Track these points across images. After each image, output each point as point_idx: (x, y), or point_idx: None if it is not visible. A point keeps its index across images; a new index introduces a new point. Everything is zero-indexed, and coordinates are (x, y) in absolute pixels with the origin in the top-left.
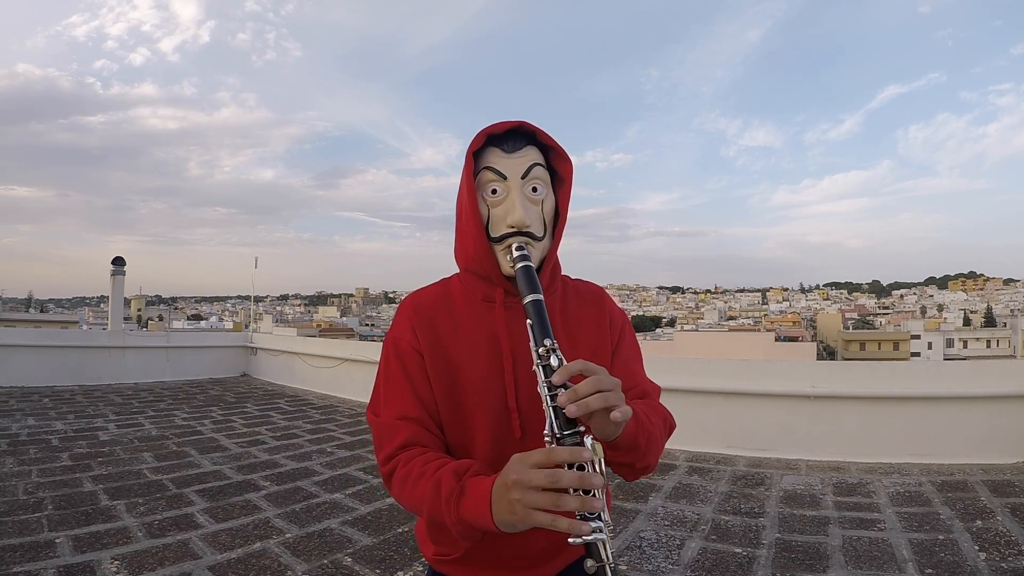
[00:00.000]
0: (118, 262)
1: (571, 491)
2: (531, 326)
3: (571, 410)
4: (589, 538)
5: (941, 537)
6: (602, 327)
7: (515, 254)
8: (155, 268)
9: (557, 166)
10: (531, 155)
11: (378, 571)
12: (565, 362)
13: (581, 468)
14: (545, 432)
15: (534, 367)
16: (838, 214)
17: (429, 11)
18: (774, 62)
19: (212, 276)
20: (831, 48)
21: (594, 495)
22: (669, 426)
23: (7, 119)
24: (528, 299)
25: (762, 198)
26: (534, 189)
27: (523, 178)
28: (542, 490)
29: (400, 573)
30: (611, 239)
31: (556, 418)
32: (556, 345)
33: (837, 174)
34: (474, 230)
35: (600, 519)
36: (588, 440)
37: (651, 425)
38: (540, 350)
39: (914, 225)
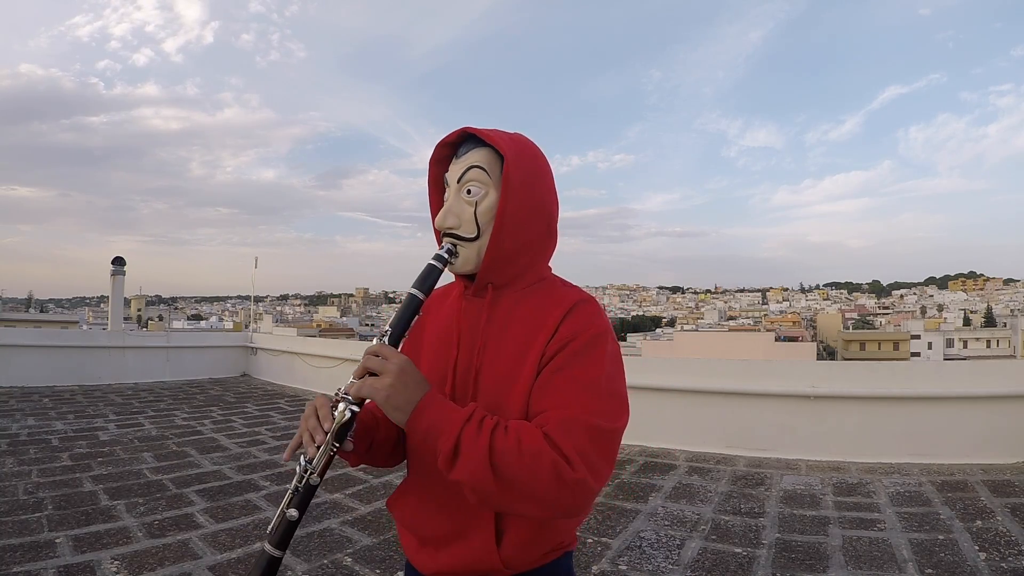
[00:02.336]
0: (118, 262)
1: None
2: (394, 314)
3: (345, 386)
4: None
5: (941, 537)
6: (538, 335)
7: (436, 252)
8: (155, 268)
9: (504, 168)
10: (472, 158)
11: (378, 571)
12: (385, 344)
13: (343, 431)
14: (337, 388)
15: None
16: (838, 214)
17: (433, 13)
18: (775, 63)
19: (212, 276)
20: (832, 49)
21: (318, 446)
22: (551, 472)
23: (10, 119)
24: (409, 291)
25: (763, 198)
26: (468, 191)
27: (459, 182)
28: (304, 419)
29: (400, 573)
30: (612, 239)
31: (346, 383)
32: (388, 332)
33: (838, 174)
34: (436, 236)
35: (309, 462)
36: (341, 406)
37: (475, 442)
38: (379, 332)
39: (914, 225)
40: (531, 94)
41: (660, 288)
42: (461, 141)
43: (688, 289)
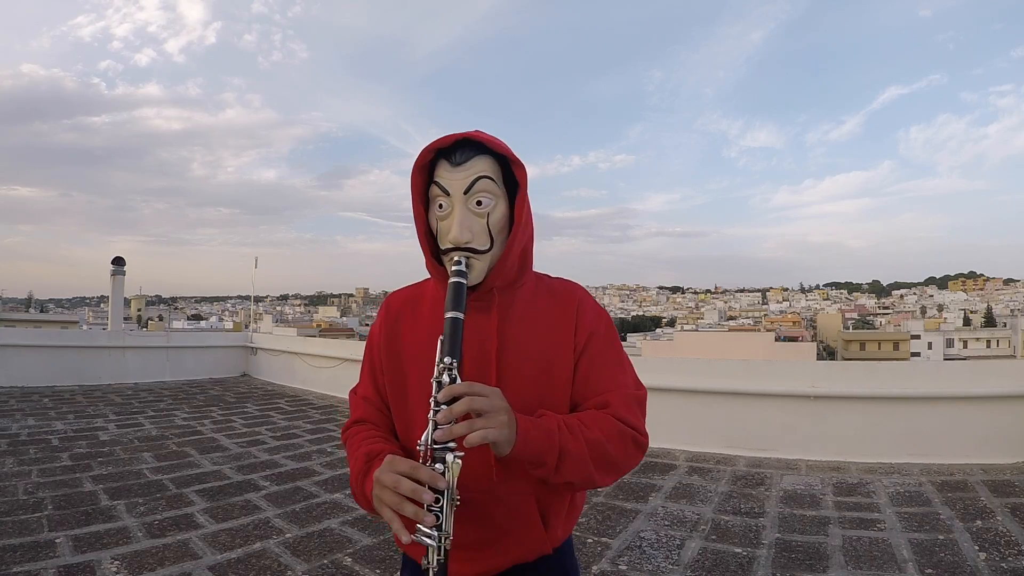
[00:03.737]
0: (118, 262)
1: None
2: (441, 341)
3: (437, 435)
4: (411, 538)
5: (941, 537)
6: (563, 330)
7: (452, 268)
8: (155, 268)
9: (515, 172)
10: (477, 167)
11: (378, 571)
12: (459, 381)
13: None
14: (419, 442)
15: (432, 380)
16: (839, 214)
17: (435, 14)
18: (776, 64)
19: (212, 276)
20: (833, 50)
21: (433, 510)
22: (626, 438)
23: (11, 119)
24: (448, 315)
25: (763, 198)
26: (478, 203)
27: (466, 193)
28: (393, 492)
29: (400, 573)
30: (612, 239)
31: (432, 431)
32: (454, 364)
33: (838, 174)
34: (422, 244)
35: (439, 529)
36: (451, 457)
37: (573, 441)
38: (439, 366)
39: (914, 225)
40: (532, 94)
41: (660, 288)
42: (454, 147)
43: (688, 289)
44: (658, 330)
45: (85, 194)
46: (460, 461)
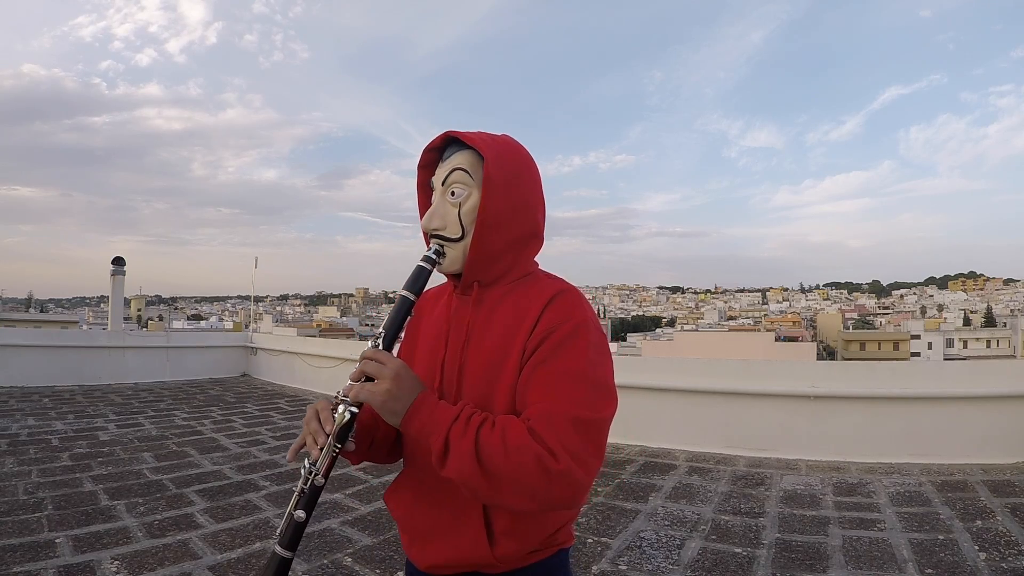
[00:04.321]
0: (118, 262)
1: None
2: (387, 316)
3: (343, 388)
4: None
5: (941, 537)
6: (519, 330)
7: (424, 254)
8: (156, 268)
9: (484, 168)
10: (455, 161)
11: (378, 571)
12: (380, 348)
13: (344, 432)
14: (337, 391)
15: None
16: (839, 214)
17: (436, 15)
18: (777, 64)
19: (212, 276)
20: (833, 50)
21: (321, 447)
22: (536, 467)
23: (11, 119)
24: (400, 292)
25: (763, 198)
26: (452, 193)
27: (443, 184)
28: (305, 424)
29: (400, 573)
30: (613, 239)
31: (344, 386)
32: (383, 334)
33: (838, 175)
34: (424, 238)
35: (313, 464)
36: (341, 408)
37: (463, 440)
38: (373, 335)
39: (914, 225)
40: (533, 95)
41: (660, 288)
42: (446, 145)
43: (688, 289)
44: (658, 330)
45: (85, 194)
46: (348, 414)
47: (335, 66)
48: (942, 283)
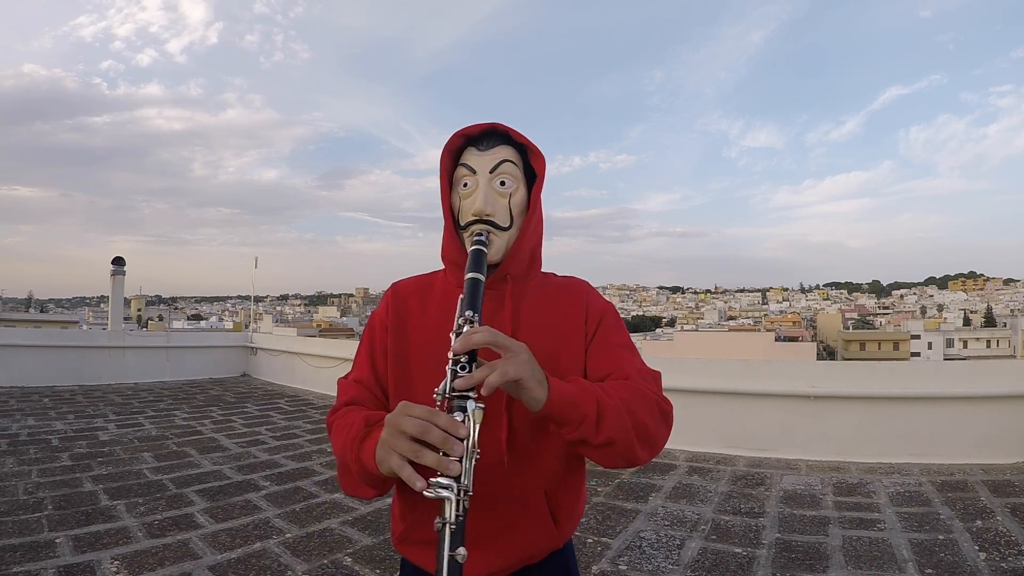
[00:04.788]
0: (118, 262)
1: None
2: (461, 299)
3: (457, 383)
4: (430, 493)
5: (941, 537)
6: (574, 317)
7: (473, 238)
8: (156, 268)
9: (533, 163)
10: (502, 152)
11: (378, 571)
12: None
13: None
14: (436, 390)
15: (451, 333)
16: (839, 214)
17: (436, 15)
18: (777, 64)
19: (213, 276)
20: (833, 50)
21: (457, 460)
22: (658, 408)
23: (12, 119)
24: (468, 275)
25: (763, 198)
26: (502, 183)
27: (491, 172)
28: (410, 438)
29: (400, 573)
30: (613, 239)
31: (451, 380)
32: (476, 317)
33: (838, 175)
34: (447, 221)
35: (457, 482)
36: (471, 404)
37: (608, 398)
38: (460, 319)
39: (914, 225)
40: (534, 95)
41: (660, 288)
42: (480, 136)
43: (688, 289)
44: (658, 330)
45: (86, 194)
46: (481, 410)
47: (336, 66)
48: (942, 283)
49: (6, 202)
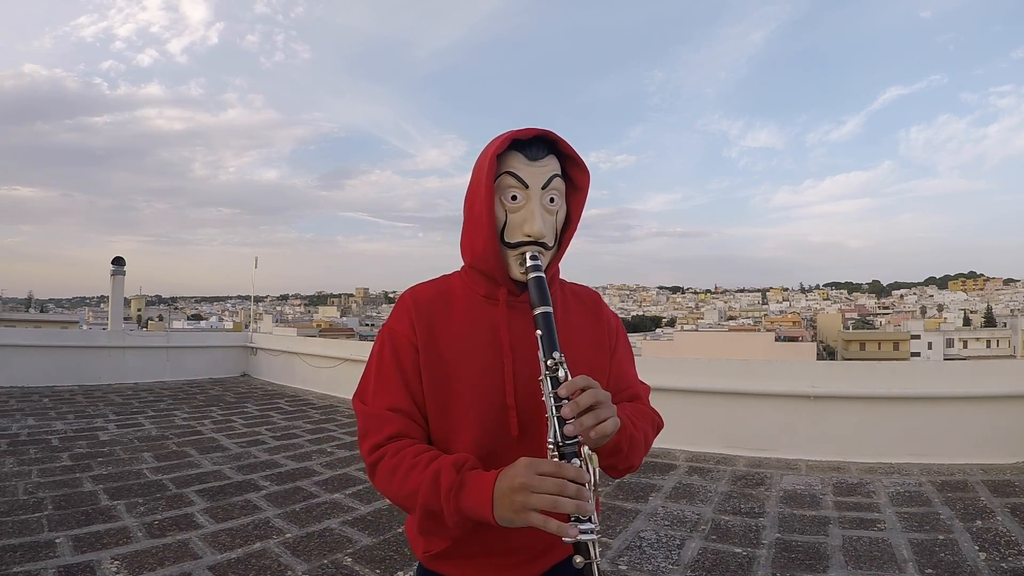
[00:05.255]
0: (118, 262)
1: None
2: (541, 338)
3: (568, 429)
4: (581, 538)
5: (941, 537)
6: (600, 332)
7: (528, 263)
8: (156, 268)
9: (574, 175)
10: (552, 165)
11: (378, 571)
12: (570, 376)
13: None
14: (549, 440)
15: (540, 378)
16: (839, 214)
17: (437, 15)
18: (777, 64)
19: (213, 276)
20: (833, 51)
21: (588, 500)
22: (656, 426)
23: (12, 119)
24: (539, 311)
25: (763, 198)
26: (551, 200)
27: (543, 188)
28: (548, 493)
29: (400, 573)
30: (613, 239)
31: (560, 428)
32: (563, 359)
33: (838, 175)
34: (487, 231)
35: (591, 521)
36: (585, 450)
37: (635, 429)
38: (548, 362)
39: (914, 225)
40: (534, 95)
41: (660, 288)
42: (529, 141)
43: (688, 289)
44: (658, 330)
45: (86, 194)
46: (595, 453)
47: (337, 66)
48: (942, 283)
49: (6, 202)
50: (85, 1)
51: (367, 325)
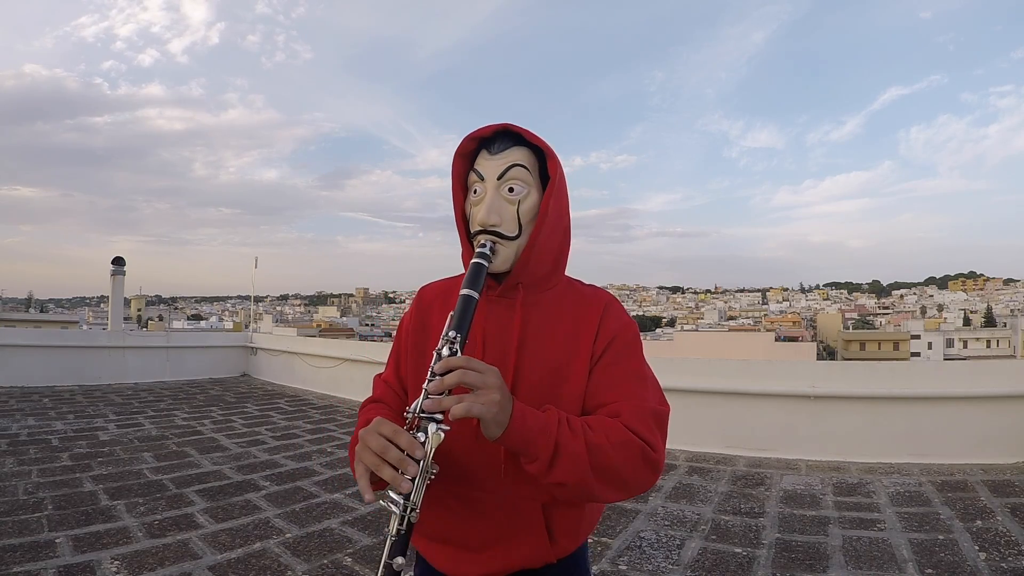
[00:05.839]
0: (118, 262)
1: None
2: (451, 316)
3: (425, 404)
4: (373, 498)
5: (941, 537)
6: (583, 335)
7: (476, 249)
8: (156, 268)
9: (548, 164)
10: (513, 156)
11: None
12: (459, 355)
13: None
14: (408, 409)
15: (434, 351)
16: (839, 214)
17: (438, 15)
18: (777, 64)
19: (213, 276)
20: (834, 51)
21: (410, 479)
22: (640, 457)
23: (13, 119)
24: (462, 292)
25: (764, 199)
26: (510, 189)
27: (499, 179)
28: (374, 453)
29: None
30: (614, 239)
31: (423, 400)
32: (458, 338)
33: (838, 175)
34: (459, 228)
35: (406, 499)
36: (433, 428)
37: (572, 440)
38: (443, 339)
39: (914, 225)
40: (535, 95)
41: (660, 288)
42: (493, 137)
43: (688, 289)
44: (658, 330)
45: (86, 194)
46: (442, 433)
47: (337, 66)
48: (942, 283)
49: (6, 202)
50: (86, 1)
51: (367, 325)
